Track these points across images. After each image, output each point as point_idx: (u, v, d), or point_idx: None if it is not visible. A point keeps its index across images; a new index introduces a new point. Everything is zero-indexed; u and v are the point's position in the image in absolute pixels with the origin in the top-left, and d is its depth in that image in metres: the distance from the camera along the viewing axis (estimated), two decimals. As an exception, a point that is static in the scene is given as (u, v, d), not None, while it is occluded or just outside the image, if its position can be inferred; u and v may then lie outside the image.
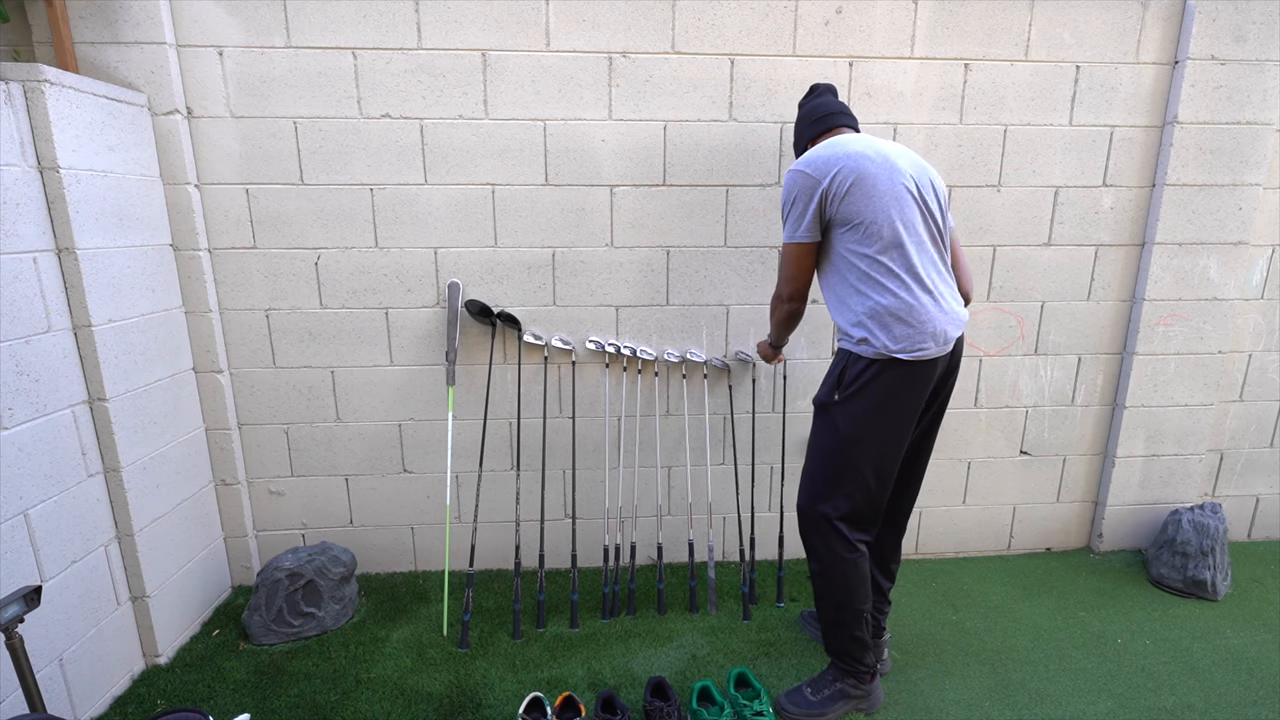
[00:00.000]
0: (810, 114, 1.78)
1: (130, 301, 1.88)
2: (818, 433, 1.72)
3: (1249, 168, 2.32)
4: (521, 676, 1.93)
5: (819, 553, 1.73)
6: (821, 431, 1.71)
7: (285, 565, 2.08)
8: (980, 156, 2.30)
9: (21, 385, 1.56)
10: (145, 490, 1.93)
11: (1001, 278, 2.41)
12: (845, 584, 1.70)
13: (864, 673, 1.78)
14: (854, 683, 1.78)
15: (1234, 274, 2.41)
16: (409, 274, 2.24)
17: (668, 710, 1.70)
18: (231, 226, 2.15)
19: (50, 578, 1.64)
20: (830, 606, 1.75)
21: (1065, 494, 2.65)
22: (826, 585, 1.73)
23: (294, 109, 2.09)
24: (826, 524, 1.68)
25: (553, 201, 2.22)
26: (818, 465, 1.71)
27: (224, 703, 1.82)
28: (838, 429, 1.65)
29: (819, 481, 1.70)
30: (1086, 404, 2.56)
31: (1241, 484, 2.73)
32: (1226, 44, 2.22)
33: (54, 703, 1.63)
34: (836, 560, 1.69)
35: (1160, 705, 1.84)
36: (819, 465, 1.71)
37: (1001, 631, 2.16)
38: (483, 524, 2.43)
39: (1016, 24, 2.21)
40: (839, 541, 1.68)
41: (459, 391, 2.34)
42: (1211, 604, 2.32)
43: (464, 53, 2.09)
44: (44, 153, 1.63)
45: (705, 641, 2.10)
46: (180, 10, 1.99)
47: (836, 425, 1.65)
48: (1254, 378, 2.61)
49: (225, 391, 2.23)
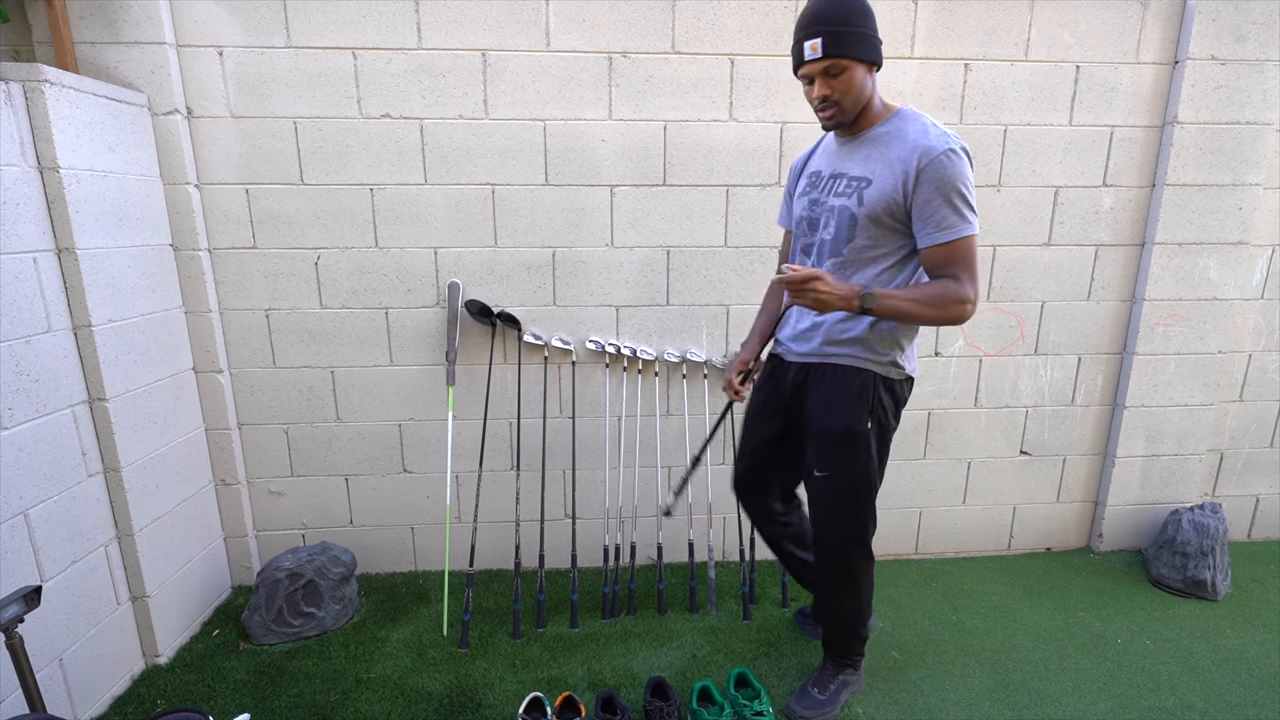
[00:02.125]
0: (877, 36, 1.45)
1: (130, 301, 1.88)
2: (851, 464, 1.59)
3: (1249, 168, 2.32)
4: (521, 676, 1.93)
5: (861, 582, 1.72)
6: (857, 462, 1.59)
7: (285, 565, 2.08)
8: (980, 156, 2.30)
9: (21, 385, 1.56)
10: (145, 490, 1.93)
11: (1001, 278, 2.41)
12: (869, 594, 1.76)
13: (859, 659, 1.83)
14: (851, 670, 1.83)
15: (1234, 274, 2.41)
16: (409, 274, 2.24)
17: (668, 710, 1.70)
18: (231, 226, 2.15)
19: (50, 578, 1.64)
20: (854, 616, 1.77)
21: (1065, 494, 2.65)
22: (857, 602, 1.75)
23: (294, 109, 2.09)
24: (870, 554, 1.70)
25: (553, 201, 2.22)
26: (864, 503, 1.63)
27: (224, 703, 1.82)
28: (872, 458, 1.58)
29: (867, 518, 1.65)
30: (1086, 404, 2.56)
31: (1241, 484, 2.73)
32: (1226, 44, 2.22)
33: (54, 703, 1.63)
34: (870, 579, 1.73)
35: (1160, 705, 1.84)
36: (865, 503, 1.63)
37: (1001, 631, 2.16)
38: (483, 524, 2.43)
39: (1016, 24, 2.21)
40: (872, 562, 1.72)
41: (459, 391, 2.34)
42: (1211, 604, 2.32)
43: (464, 53, 2.09)
44: (44, 153, 1.62)
45: (705, 641, 2.10)
46: (180, 10, 1.99)
47: (872, 454, 1.58)
48: (1254, 378, 2.61)
49: (225, 391, 2.23)
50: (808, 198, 1.61)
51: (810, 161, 1.68)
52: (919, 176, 1.40)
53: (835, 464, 1.60)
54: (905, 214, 1.45)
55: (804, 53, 1.41)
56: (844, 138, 1.56)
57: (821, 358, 1.60)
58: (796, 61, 1.45)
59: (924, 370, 2.46)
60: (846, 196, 1.50)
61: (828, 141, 1.64)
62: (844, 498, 1.63)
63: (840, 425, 1.57)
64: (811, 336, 1.62)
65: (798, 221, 1.65)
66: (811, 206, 1.60)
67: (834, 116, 1.47)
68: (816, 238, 1.58)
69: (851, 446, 1.58)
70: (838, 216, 1.52)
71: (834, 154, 1.59)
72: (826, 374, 1.60)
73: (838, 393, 1.58)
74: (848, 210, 1.50)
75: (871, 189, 1.46)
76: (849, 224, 1.50)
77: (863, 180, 1.48)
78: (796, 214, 1.66)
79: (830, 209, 1.54)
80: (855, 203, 1.48)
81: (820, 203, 1.57)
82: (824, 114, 1.47)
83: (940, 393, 2.49)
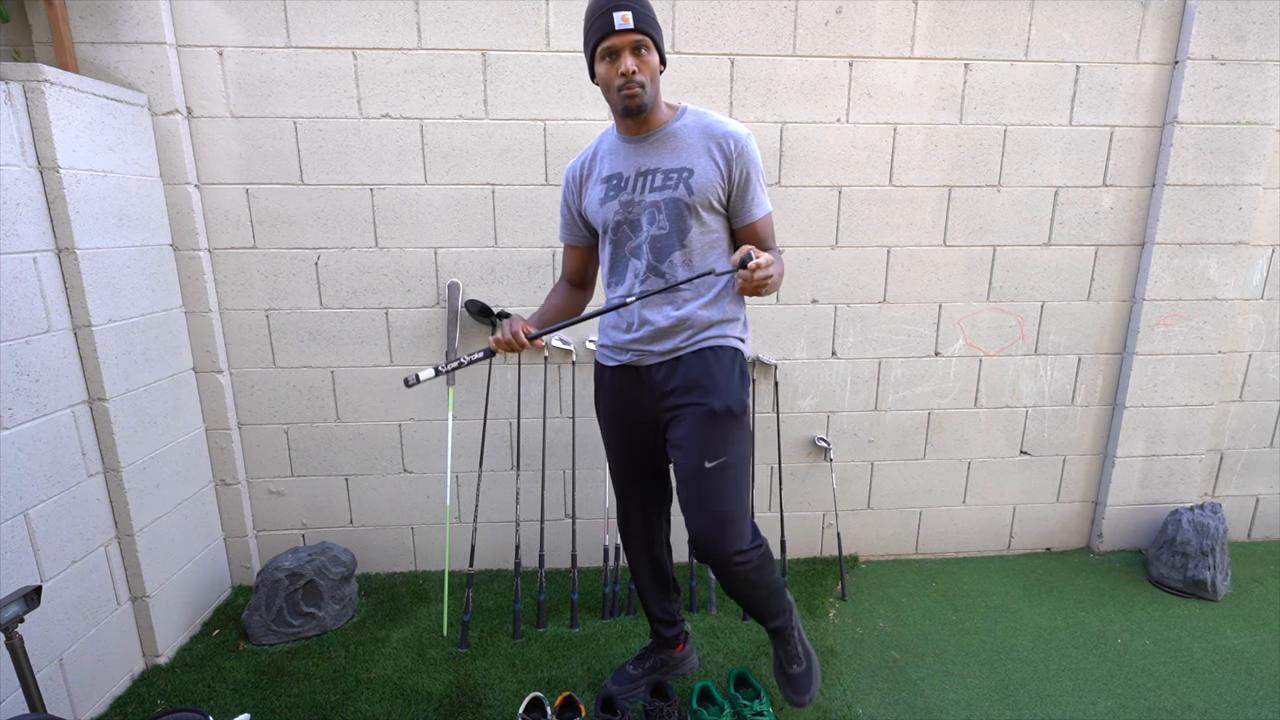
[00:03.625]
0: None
1: (130, 301, 1.88)
2: (737, 443, 1.53)
3: (1249, 168, 2.32)
4: (521, 676, 1.93)
5: (772, 574, 1.61)
6: (738, 443, 1.54)
7: (285, 565, 2.08)
8: (980, 156, 2.30)
9: (21, 385, 1.56)
10: (145, 490, 1.93)
11: (1001, 278, 2.41)
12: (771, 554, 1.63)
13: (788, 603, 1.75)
14: (790, 614, 1.74)
15: (1234, 274, 2.41)
16: (409, 274, 2.24)
17: (668, 710, 1.70)
18: (231, 226, 2.15)
19: (50, 578, 1.64)
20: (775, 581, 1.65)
21: (1065, 494, 2.65)
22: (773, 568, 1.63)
23: (294, 109, 2.09)
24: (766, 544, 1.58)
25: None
26: (744, 487, 1.55)
27: (224, 703, 1.82)
28: (748, 434, 1.57)
29: (746, 502, 1.56)
30: (1086, 404, 2.56)
31: (1241, 484, 2.73)
32: (1226, 44, 2.22)
33: (54, 703, 1.63)
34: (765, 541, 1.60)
35: (1160, 705, 1.84)
36: (744, 487, 1.55)
37: (1001, 631, 2.16)
38: (483, 524, 2.43)
39: (1016, 24, 2.21)
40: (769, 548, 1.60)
41: (459, 391, 2.34)
42: (1211, 604, 2.32)
43: (464, 53, 2.09)
44: (44, 153, 1.63)
45: (705, 641, 2.10)
46: (180, 10, 1.99)
47: (747, 430, 1.58)
48: (1254, 378, 2.61)
49: (225, 391, 2.23)
50: (616, 201, 1.52)
51: (596, 168, 1.58)
52: (736, 159, 1.46)
53: (725, 448, 1.52)
54: (725, 197, 1.49)
55: (613, 22, 1.35)
56: (633, 136, 1.50)
57: (693, 345, 1.55)
58: (601, 34, 1.37)
59: (924, 370, 2.47)
60: (671, 189, 1.47)
61: (610, 145, 1.56)
62: (737, 484, 1.54)
63: (728, 403, 1.51)
64: (675, 332, 1.54)
65: (614, 227, 1.54)
66: (626, 208, 1.51)
67: (638, 97, 1.39)
68: (644, 236, 1.51)
69: (738, 426, 1.54)
70: (666, 209, 1.47)
71: (629, 154, 1.52)
72: (703, 357, 1.54)
73: (715, 370, 1.53)
74: (677, 201, 1.46)
75: (696, 177, 1.45)
76: (681, 213, 1.47)
77: (684, 170, 1.46)
78: (607, 219, 1.54)
79: (653, 204, 1.48)
80: (684, 192, 1.46)
81: (636, 202, 1.50)
82: (628, 92, 1.39)
83: (940, 393, 2.49)
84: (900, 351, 2.44)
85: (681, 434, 1.54)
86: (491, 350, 1.49)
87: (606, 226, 1.56)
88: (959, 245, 2.37)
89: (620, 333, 1.60)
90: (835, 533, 2.53)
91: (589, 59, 1.45)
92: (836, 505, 2.55)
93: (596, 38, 1.39)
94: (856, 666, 1.99)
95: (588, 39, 1.42)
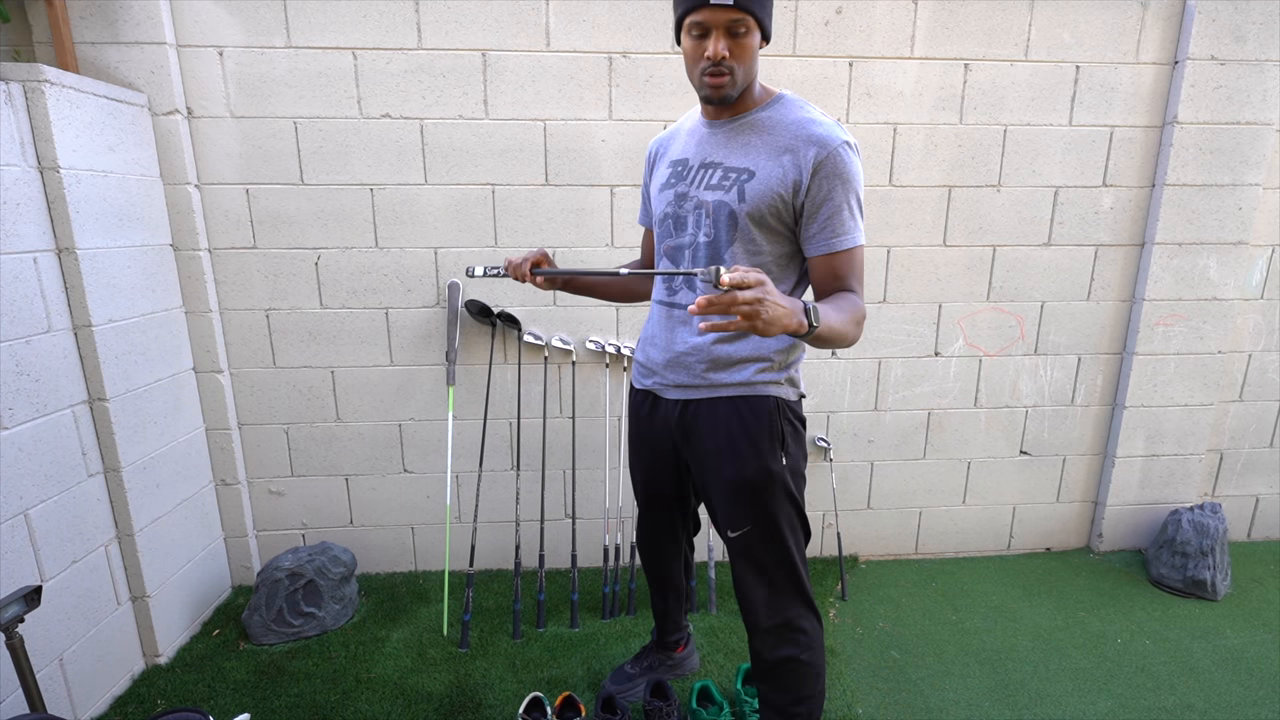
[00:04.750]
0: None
1: (130, 301, 1.88)
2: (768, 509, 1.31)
3: (1249, 168, 2.32)
4: (521, 676, 1.93)
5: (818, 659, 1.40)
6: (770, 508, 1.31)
7: (285, 565, 2.08)
8: (980, 156, 2.30)
9: (21, 385, 1.56)
10: (145, 490, 1.93)
11: (1001, 278, 2.41)
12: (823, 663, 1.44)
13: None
14: None
15: (1234, 274, 2.41)
16: (409, 274, 2.24)
17: (667, 710, 1.70)
18: (231, 226, 2.15)
19: (50, 578, 1.64)
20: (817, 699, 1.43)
21: (1065, 494, 2.65)
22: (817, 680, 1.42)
23: (294, 109, 2.09)
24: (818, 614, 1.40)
25: (553, 202, 2.22)
26: (781, 558, 1.33)
27: (224, 703, 1.82)
28: (795, 499, 1.33)
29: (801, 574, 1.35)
30: (1086, 404, 2.56)
31: (1241, 484, 2.73)
32: (1226, 44, 2.22)
33: (54, 703, 1.63)
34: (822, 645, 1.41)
35: (1160, 705, 1.84)
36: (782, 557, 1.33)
37: (1001, 631, 2.16)
38: (483, 524, 2.43)
39: (1016, 24, 2.21)
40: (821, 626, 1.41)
41: (459, 391, 2.34)
42: (1211, 604, 2.32)
43: (464, 53, 2.09)
44: (44, 153, 1.63)
45: (705, 641, 2.10)
46: (180, 10, 1.99)
47: (794, 494, 1.33)
48: (1254, 378, 2.61)
49: (225, 391, 2.23)
50: (673, 190, 1.33)
51: (671, 148, 1.39)
52: (814, 172, 1.18)
53: (749, 516, 1.32)
54: (792, 215, 1.23)
55: None
56: (717, 120, 1.29)
57: (709, 390, 1.32)
58: (690, 4, 1.14)
59: (924, 370, 2.47)
60: (724, 190, 1.24)
61: (693, 125, 1.35)
62: (773, 555, 1.33)
63: (749, 472, 1.29)
64: (688, 361, 1.33)
65: (660, 220, 1.36)
66: (678, 201, 1.31)
67: (724, 87, 1.19)
68: (687, 239, 1.31)
69: (767, 492, 1.30)
70: (714, 214, 1.26)
71: (704, 139, 1.31)
72: (718, 410, 1.32)
73: (736, 431, 1.30)
74: (726, 206, 1.24)
75: (754, 183, 1.21)
76: (729, 224, 1.25)
77: (744, 172, 1.23)
78: (658, 211, 1.36)
79: (702, 205, 1.27)
80: (735, 198, 1.23)
81: (688, 196, 1.30)
82: (714, 80, 1.18)
83: (940, 393, 2.49)
84: (900, 351, 2.44)
85: (705, 492, 1.40)
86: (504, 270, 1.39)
87: (659, 217, 1.37)
88: (959, 245, 2.37)
89: (653, 349, 1.43)
90: (835, 532, 2.53)
91: (675, 24, 1.22)
92: (836, 505, 2.55)
93: (685, 7, 1.16)
94: (856, 666, 1.99)
95: (676, 2, 1.19)
